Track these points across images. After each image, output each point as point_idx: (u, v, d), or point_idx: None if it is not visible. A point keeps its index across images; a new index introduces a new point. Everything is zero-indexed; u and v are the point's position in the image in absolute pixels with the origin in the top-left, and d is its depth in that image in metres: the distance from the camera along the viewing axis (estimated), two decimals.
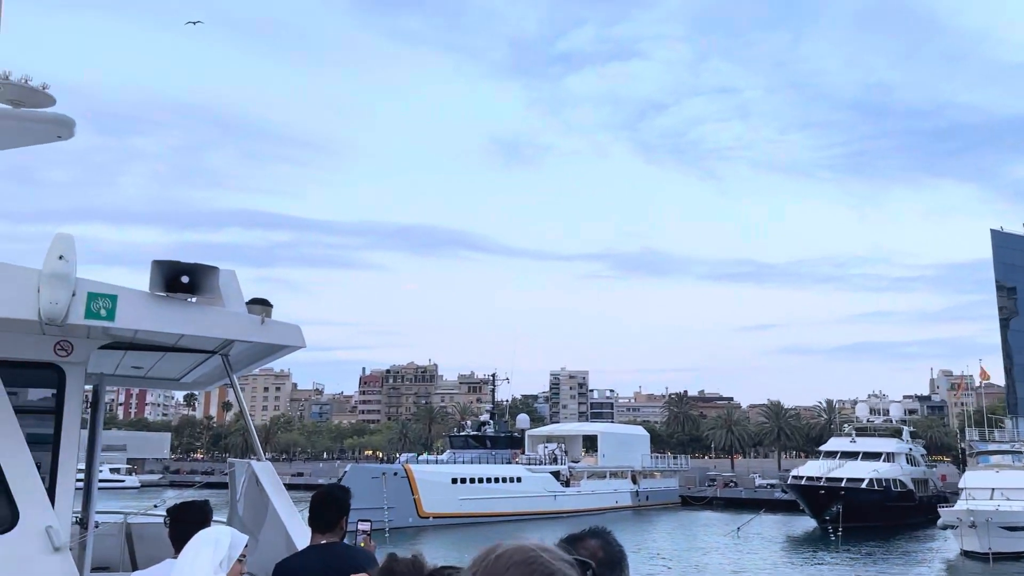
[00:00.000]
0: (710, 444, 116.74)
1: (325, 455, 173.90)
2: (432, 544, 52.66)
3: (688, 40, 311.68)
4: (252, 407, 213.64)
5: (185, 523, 4.57)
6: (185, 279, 5.19)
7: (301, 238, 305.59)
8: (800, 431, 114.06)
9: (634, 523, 66.54)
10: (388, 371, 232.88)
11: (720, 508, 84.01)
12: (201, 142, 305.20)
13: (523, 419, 77.85)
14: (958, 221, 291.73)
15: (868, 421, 73.18)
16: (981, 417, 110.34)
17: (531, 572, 1.20)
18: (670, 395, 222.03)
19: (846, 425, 75.62)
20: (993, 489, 44.99)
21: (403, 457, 64.77)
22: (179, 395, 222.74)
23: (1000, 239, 71.01)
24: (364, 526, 4.42)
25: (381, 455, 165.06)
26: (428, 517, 58.79)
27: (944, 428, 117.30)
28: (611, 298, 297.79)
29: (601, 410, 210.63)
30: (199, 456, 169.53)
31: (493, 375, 75.06)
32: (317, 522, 4.30)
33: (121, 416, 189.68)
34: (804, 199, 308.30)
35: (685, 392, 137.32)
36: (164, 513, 5.36)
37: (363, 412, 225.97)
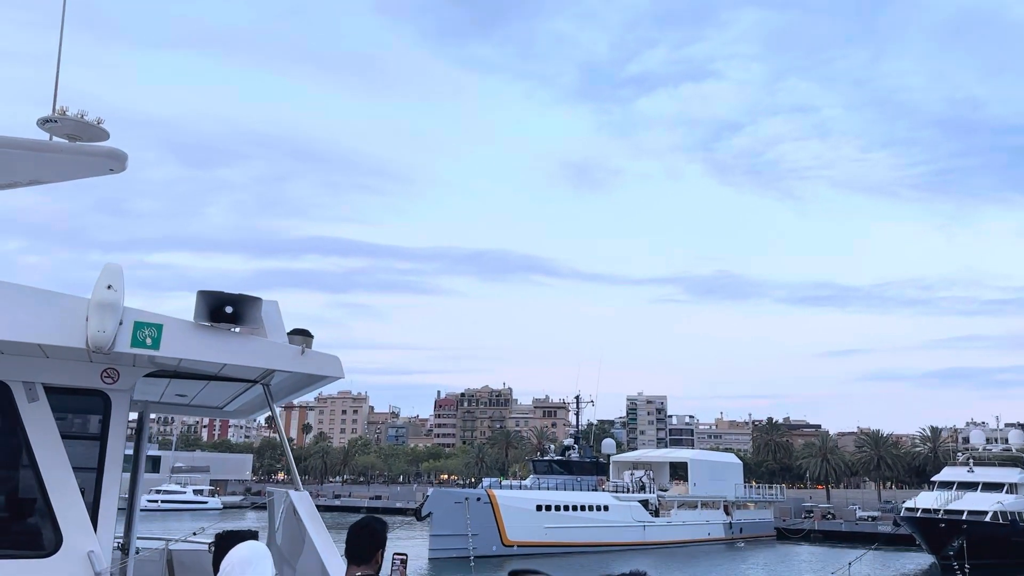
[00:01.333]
0: (803, 474, 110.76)
1: (401, 478, 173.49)
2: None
3: (763, 59, 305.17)
4: (330, 429, 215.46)
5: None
6: (229, 309, 5.35)
7: (376, 264, 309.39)
8: (901, 460, 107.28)
9: (730, 558, 62.59)
10: (463, 395, 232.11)
11: (819, 542, 78.86)
12: (282, 172, 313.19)
13: (609, 444, 74.74)
14: None
15: (985, 449, 67.47)
16: None
17: None
18: (754, 422, 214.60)
19: (959, 454, 69.92)
20: None
21: (486, 482, 62.49)
22: (261, 418, 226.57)
23: None
24: (399, 557, 4.29)
25: (457, 479, 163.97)
26: (512, 545, 56.32)
27: None
28: (685, 322, 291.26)
29: (681, 436, 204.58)
30: (280, 478, 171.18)
31: (577, 397, 72.36)
32: (353, 554, 4.22)
33: (205, 438, 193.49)
34: (888, 219, 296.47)
35: (771, 419, 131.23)
36: (208, 540, 5.52)
37: (438, 435, 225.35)
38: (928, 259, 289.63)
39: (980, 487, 59.18)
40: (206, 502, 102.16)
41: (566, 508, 60.06)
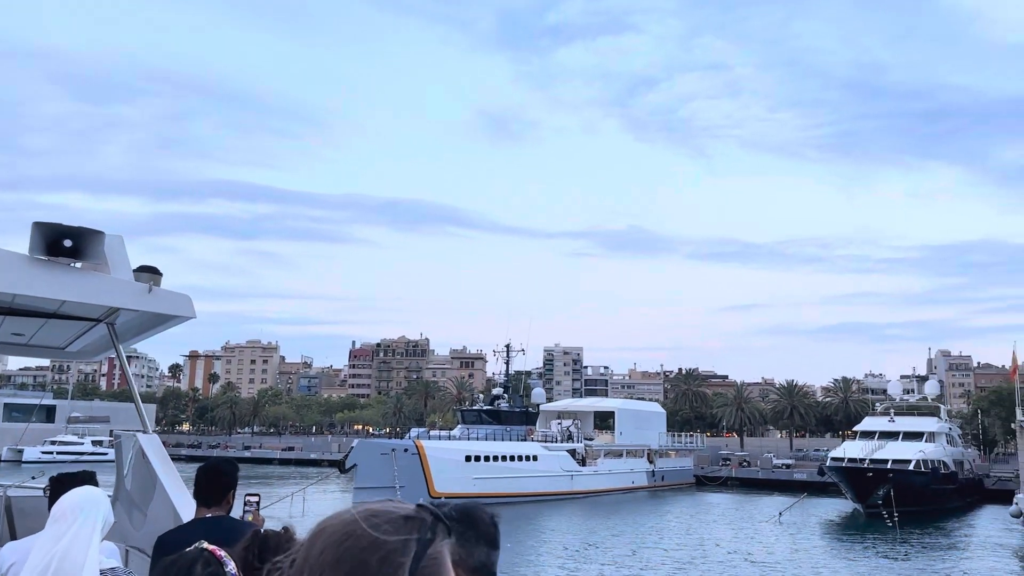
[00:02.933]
0: (717, 422, 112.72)
1: (314, 429, 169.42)
2: None
3: (680, 14, 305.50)
4: (239, 379, 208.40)
5: None
6: (68, 243, 5.06)
7: (285, 211, 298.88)
8: (812, 410, 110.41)
9: (656, 506, 62.26)
10: (378, 345, 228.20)
11: (736, 489, 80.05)
12: (185, 111, 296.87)
13: (539, 393, 73.18)
14: (944, 203, 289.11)
15: (902, 400, 69.01)
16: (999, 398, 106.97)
17: (345, 550, 1.08)
18: (666, 372, 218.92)
19: (877, 404, 71.41)
20: None
21: (413, 432, 59.94)
22: (164, 366, 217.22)
23: None
24: (252, 499, 4.27)
25: (371, 429, 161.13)
26: (440, 497, 54.05)
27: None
28: (598, 276, 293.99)
29: (595, 387, 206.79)
30: (185, 429, 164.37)
31: (507, 346, 70.22)
32: (202, 496, 4.03)
33: (104, 387, 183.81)
34: (792, 179, 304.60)
35: (681, 369, 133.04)
36: (45, 484, 5.09)
37: (353, 386, 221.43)
38: (828, 218, 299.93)
39: (901, 436, 60.36)
40: (106, 453, 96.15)
41: (495, 458, 58.22)
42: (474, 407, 66.45)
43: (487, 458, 57.71)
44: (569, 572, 30.98)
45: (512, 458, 59.44)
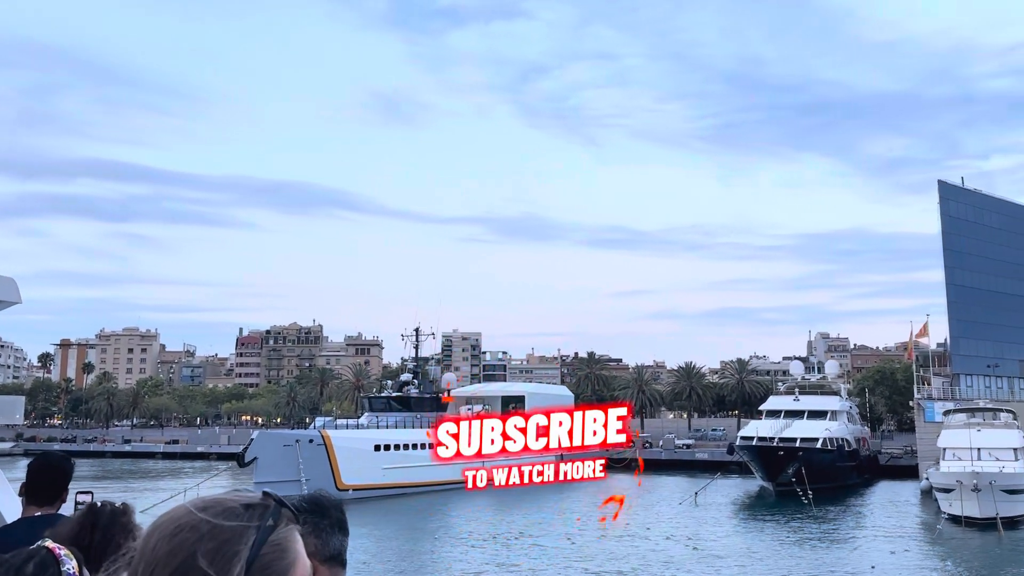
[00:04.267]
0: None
1: (199, 421, 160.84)
2: (355, 522, 45.12)
3: (572, 1, 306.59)
4: (115, 369, 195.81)
5: None
6: None
7: (161, 192, 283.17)
8: (709, 391, 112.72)
9: (570, 491, 61.16)
10: (268, 332, 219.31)
11: (637, 469, 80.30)
12: (51, 84, 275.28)
13: (449, 378, 70.81)
14: (818, 193, 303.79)
15: (804, 379, 70.62)
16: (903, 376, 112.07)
17: (180, 541, 1.07)
18: (563, 357, 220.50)
19: (780, 384, 72.91)
20: (979, 449, 41.85)
21: (319, 422, 56.41)
22: (32, 356, 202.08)
23: (947, 191, 69.39)
24: (84, 497, 4.09)
25: (259, 420, 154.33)
26: (348, 489, 51.07)
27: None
28: (492, 262, 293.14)
29: (494, 372, 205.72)
30: (57, 422, 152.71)
31: (416, 330, 67.33)
32: (33, 494, 3.74)
33: None
34: (677, 168, 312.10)
35: (589, 353, 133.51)
36: None
37: (240, 375, 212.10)
38: (710, 207, 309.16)
39: (806, 415, 61.45)
40: None
41: (405, 447, 55.54)
42: (382, 394, 63.40)
43: (397, 447, 54.99)
44: (505, 566, 28.99)
45: (423, 446, 56.85)
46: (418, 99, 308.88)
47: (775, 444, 55.63)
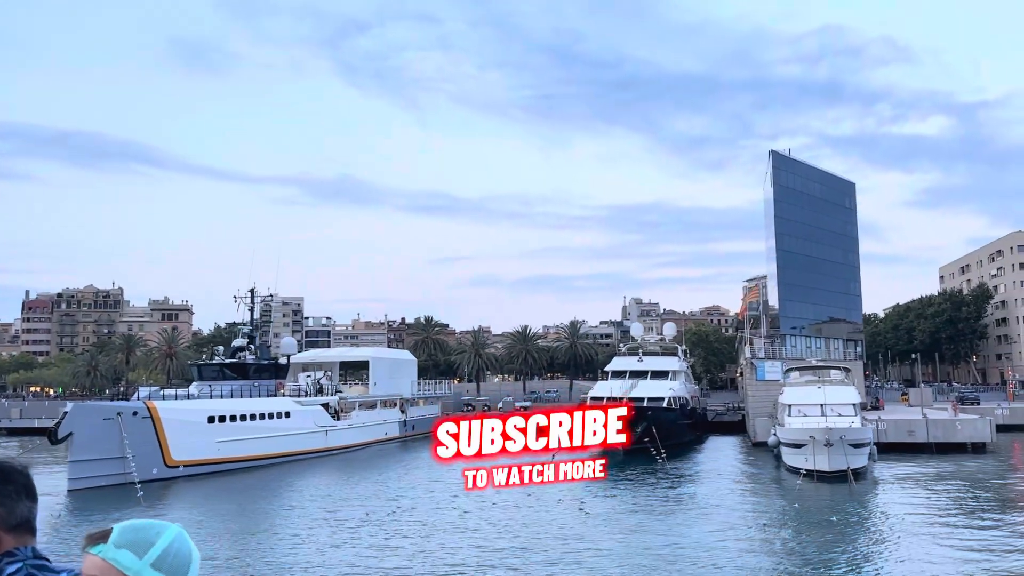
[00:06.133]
0: (456, 369, 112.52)
1: None
2: (185, 500, 40.71)
3: None
4: None
5: None
6: None
7: None
8: (544, 354, 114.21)
9: (411, 458, 59.00)
10: (60, 295, 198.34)
11: None
12: None
13: (289, 343, 65.71)
14: (627, 167, 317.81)
15: (643, 340, 72.42)
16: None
17: None
18: (390, 323, 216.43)
19: (621, 345, 74.41)
20: (822, 405, 44.10)
21: (143, 392, 50.29)
22: None
23: (779, 160, 73.11)
24: None
25: (50, 391, 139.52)
26: (178, 466, 46.07)
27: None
28: (309, 225, 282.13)
29: (317, 338, 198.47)
30: None
31: (252, 291, 61.65)
32: None
33: None
34: (498, 137, 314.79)
35: (424, 317, 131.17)
36: None
37: (28, 343, 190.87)
38: (528, 176, 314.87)
39: (650, 375, 62.93)
40: None
41: (243, 418, 50.94)
42: (214, 361, 57.69)
43: (233, 418, 50.30)
44: (351, 544, 26.47)
45: (262, 416, 52.55)
46: (226, 48, 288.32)
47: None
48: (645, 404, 56.45)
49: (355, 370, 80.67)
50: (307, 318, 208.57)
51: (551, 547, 25.15)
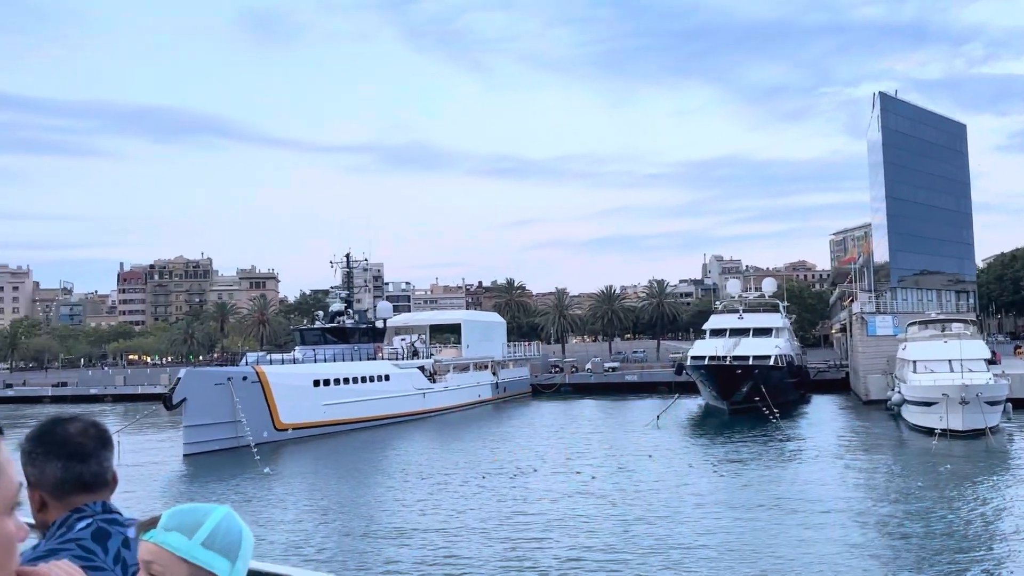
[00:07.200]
0: (539, 331, 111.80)
1: (82, 362, 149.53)
2: (297, 462, 41.11)
3: None
4: None
5: None
6: None
7: (13, 119, 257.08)
8: (629, 314, 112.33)
9: (519, 418, 58.57)
10: (152, 267, 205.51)
11: (570, 395, 78.88)
12: None
13: (385, 307, 65.90)
14: (699, 121, 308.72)
15: (741, 298, 69.98)
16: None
17: None
18: (467, 286, 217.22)
19: (718, 303, 72.16)
20: (952, 360, 41.39)
21: (251, 357, 51.11)
22: None
23: (888, 103, 68.89)
24: None
25: (148, 358, 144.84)
26: (286, 429, 46.66)
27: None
28: (382, 191, 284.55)
29: (398, 303, 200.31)
30: None
31: (347, 256, 61.98)
32: None
33: None
34: (566, 95, 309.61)
35: (510, 280, 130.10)
36: None
37: (124, 313, 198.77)
38: (599, 135, 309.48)
39: (752, 332, 60.66)
40: None
41: (345, 381, 51.30)
42: (315, 325, 58.29)
43: (337, 381, 50.69)
44: (463, 502, 25.76)
45: (363, 379, 52.81)
46: (294, 18, 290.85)
47: (728, 363, 54.48)
48: (751, 363, 54.58)
49: (441, 333, 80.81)
50: (387, 283, 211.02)
51: (693, 516, 24.02)
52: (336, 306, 59.03)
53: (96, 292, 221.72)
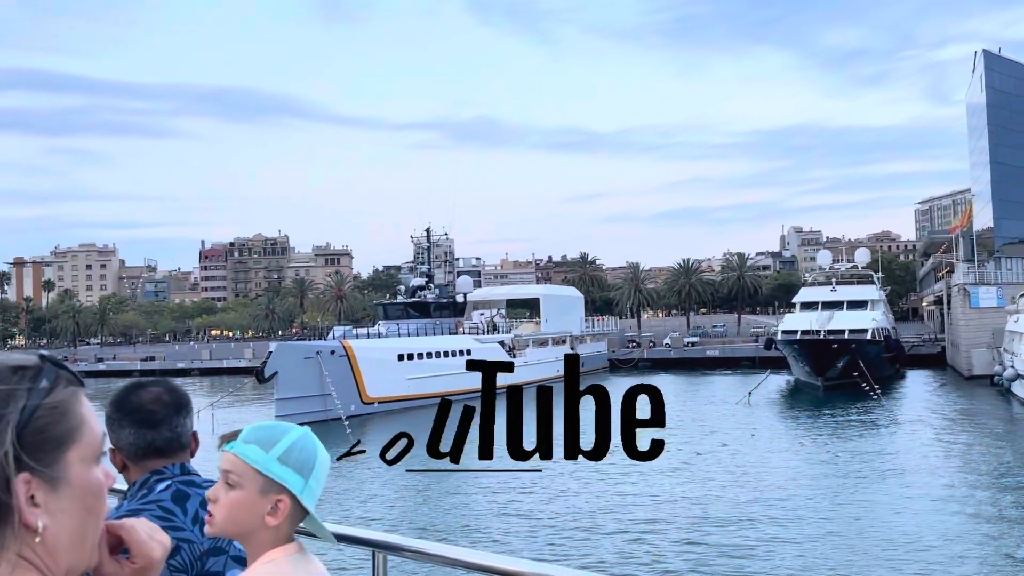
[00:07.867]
0: (614, 306, 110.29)
1: (167, 337, 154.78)
2: (387, 435, 41.21)
3: None
4: (75, 286, 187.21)
5: None
6: None
7: (98, 103, 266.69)
8: (708, 288, 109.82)
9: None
10: (232, 244, 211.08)
11: (648, 370, 77.48)
12: None
13: (465, 281, 65.87)
14: (772, 88, 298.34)
15: (833, 269, 67.24)
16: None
17: None
18: (537, 261, 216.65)
19: (808, 274, 69.57)
20: None
21: (338, 331, 51.56)
22: None
23: (992, 61, 64.76)
24: None
25: (231, 334, 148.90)
26: (373, 402, 46.89)
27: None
28: (450, 167, 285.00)
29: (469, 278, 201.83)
30: (19, 343, 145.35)
31: (428, 230, 62.02)
32: None
33: None
34: (633, 65, 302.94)
35: (584, 255, 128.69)
36: None
37: (206, 289, 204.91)
38: (666, 106, 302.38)
39: (845, 306, 58.19)
40: None
41: (428, 356, 51.26)
42: (397, 300, 58.46)
43: (420, 355, 50.69)
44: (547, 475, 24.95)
45: (446, 354, 52.68)
46: None
47: (823, 337, 52.34)
48: (847, 337, 52.36)
49: (517, 308, 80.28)
50: (458, 259, 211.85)
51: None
52: (416, 281, 59.00)
53: (179, 269, 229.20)
